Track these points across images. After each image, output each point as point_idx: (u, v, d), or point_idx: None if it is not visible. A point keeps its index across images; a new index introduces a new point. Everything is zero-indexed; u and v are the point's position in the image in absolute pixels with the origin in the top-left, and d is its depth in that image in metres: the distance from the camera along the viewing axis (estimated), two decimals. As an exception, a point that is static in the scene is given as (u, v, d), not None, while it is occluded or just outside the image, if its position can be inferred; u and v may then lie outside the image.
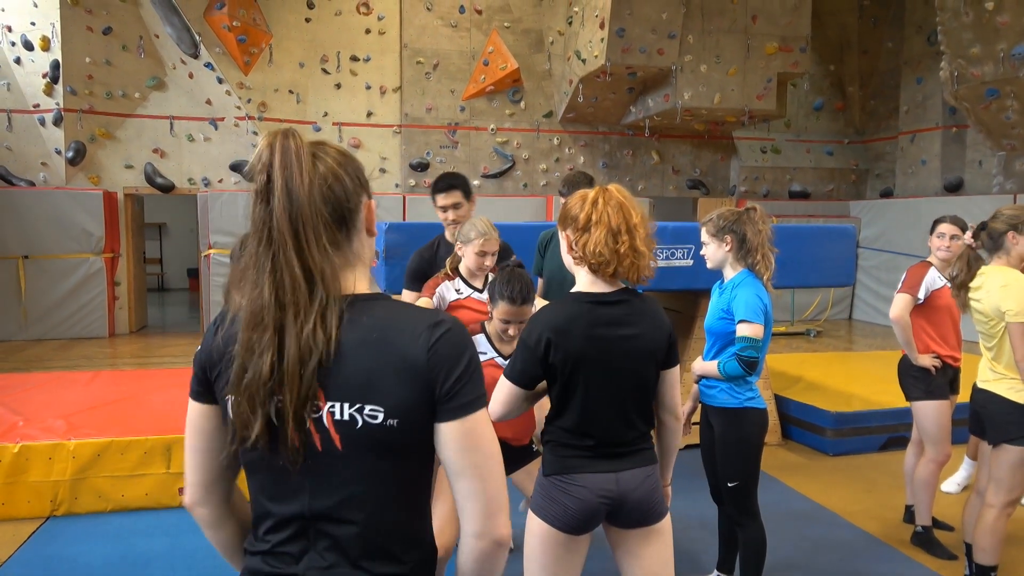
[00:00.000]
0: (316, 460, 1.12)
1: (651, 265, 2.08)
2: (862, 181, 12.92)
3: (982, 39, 8.97)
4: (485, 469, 1.16)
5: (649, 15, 9.50)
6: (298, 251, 1.10)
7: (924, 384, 3.65)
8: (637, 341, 2.07)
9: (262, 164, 1.12)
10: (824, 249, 4.96)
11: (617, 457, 2.07)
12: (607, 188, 2.11)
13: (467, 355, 1.15)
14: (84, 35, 9.60)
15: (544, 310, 2.14)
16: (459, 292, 3.15)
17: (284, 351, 1.08)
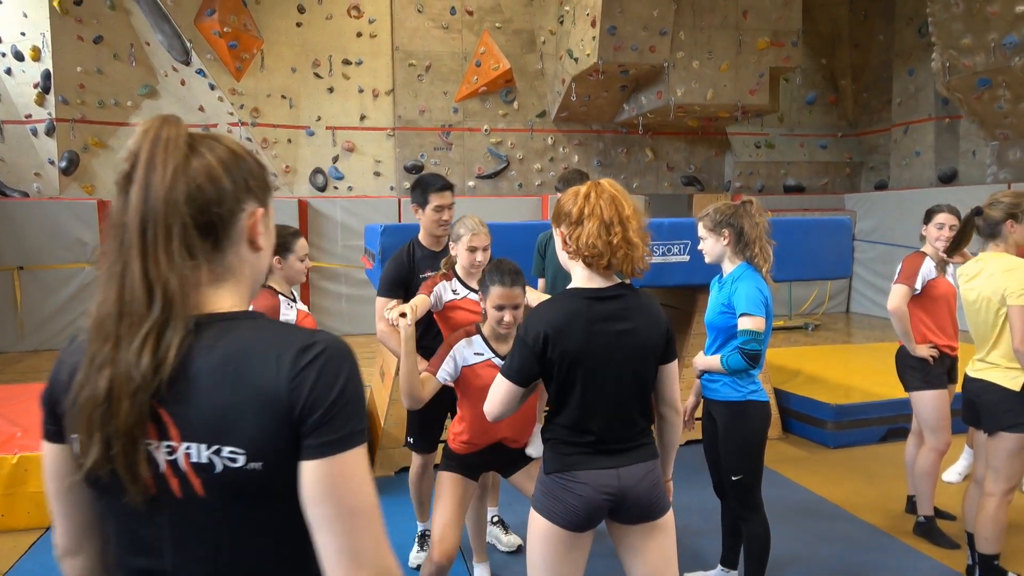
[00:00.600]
0: (177, 509, 0.96)
1: (645, 257, 2.08)
2: (856, 174, 12.94)
3: (973, 29, 8.98)
4: (349, 523, 0.94)
5: (640, 12, 9.51)
6: (142, 256, 0.95)
7: (922, 374, 3.65)
8: (635, 336, 2.07)
9: (129, 152, 0.99)
10: (820, 242, 4.96)
11: (618, 453, 2.07)
12: (599, 182, 2.12)
13: (340, 383, 0.96)
14: (75, 44, 9.58)
15: (541, 307, 2.13)
16: (455, 293, 3.13)
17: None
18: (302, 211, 10.22)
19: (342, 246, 10.39)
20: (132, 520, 0.99)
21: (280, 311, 2.80)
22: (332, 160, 10.95)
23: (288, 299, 2.90)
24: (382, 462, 4.70)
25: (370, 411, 5.25)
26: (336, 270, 10.36)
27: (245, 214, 1.04)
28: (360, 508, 0.95)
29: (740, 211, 2.93)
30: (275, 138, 10.61)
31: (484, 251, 3.07)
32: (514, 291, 2.57)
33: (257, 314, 1.05)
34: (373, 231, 4.60)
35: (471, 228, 3.07)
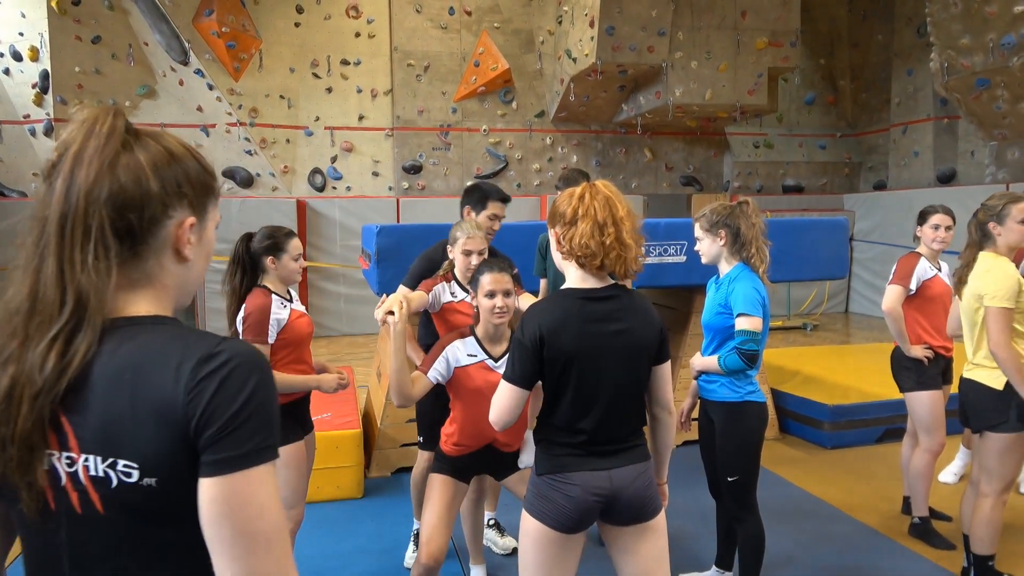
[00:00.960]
0: (76, 525, 0.90)
1: (638, 259, 2.08)
2: (855, 174, 12.94)
3: (971, 30, 8.98)
4: (249, 547, 0.86)
5: (638, 13, 9.50)
6: (58, 254, 0.91)
7: (916, 375, 3.65)
8: (629, 336, 2.07)
9: (61, 141, 0.94)
10: (817, 242, 4.96)
11: (610, 455, 2.07)
12: (594, 184, 2.13)
13: (244, 395, 0.88)
14: (73, 44, 9.58)
15: (535, 307, 2.13)
16: (453, 295, 3.17)
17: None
18: (300, 211, 10.22)
19: (340, 246, 10.40)
20: (34, 534, 0.93)
21: (271, 310, 2.81)
22: (331, 160, 10.95)
23: (282, 298, 2.90)
24: (379, 463, 4.70)
25: (367, 412, 5.25)
26: (334, 270, 10.36)
27: (172, 222, 0.97)
28: (261, 531, 0.87)
29: (736, 211, 2.94)
30: (273, 138, 10.60)
31: (479, 255, 3.10)
32: (503, 276, 2.59)
33: (168, 319, 0.97)
34: (370, 232, 4.61)
35: (467, 232, 3.11)
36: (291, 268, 2.93)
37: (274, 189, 10.68)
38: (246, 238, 2.98)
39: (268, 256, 2.90)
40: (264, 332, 2.79)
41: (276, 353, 2.85)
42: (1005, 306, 2.87)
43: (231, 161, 10.49)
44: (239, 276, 2.94)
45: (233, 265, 2.96)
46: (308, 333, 2.99)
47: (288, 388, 2.83)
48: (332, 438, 4.31)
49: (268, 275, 2.93)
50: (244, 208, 9.83)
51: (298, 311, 2.96)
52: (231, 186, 10.51)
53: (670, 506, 4.07)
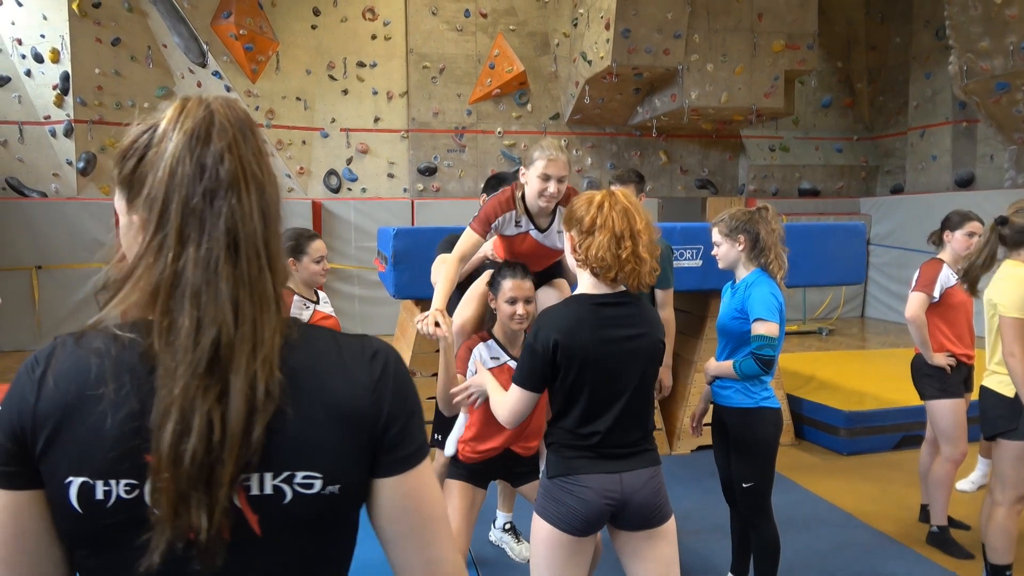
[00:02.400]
0: (215, 554, 0.81)
1: (652, 272, 2.11)
2: (872, 178, 12.84)
3: (991, 33, 8.89)
4: (431, 533, 0.91)
5: (654, 15, 9.48)
6: (271, 261, 0.85)
7: (939, 383, 3.62)
8: (640, 341, 2.11)
9: (202, 120, 0.84)
10: (834, 247, 4.93)
11: (620, 458, 2.09)
12: (613, 192, 2.14)
13: (411, 391, 0.93)
14: (93, 46, 9.68)
15: (549, 312, 2.16)
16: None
17: (229, 405, 0.79)
18: (316, 212, 10.27)
19: (355, 247, 10.44)
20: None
21: (291, 311, 2.82)
22: (346, 162, 11.00)
23: (306, 299, 2.92)
24: (393, 464, 4.72)
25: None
26: (349, 271, 10.40)
27: None
28: (440, 516, 0.93)
29: (756, 217, 2.93)
30: (290, 139, 10.67)
31: (558, 183, 2.74)
32: (525, 283, 2.62)
33: (291, 320, 0.92)
34: (386, 234, 4.63)
35: (547, 153, 2.73)
36: (312, 270, 2.95)
37: (290, 190, 10.74)
38: None
39: (289, 258, 2.91)
40: None
41: None
42: (1019, 316, 2.84)
43: (248, 162, 10.55)
44: None
45: None
46: None
47: None
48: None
49: (292, 277, 2.95)
50: (260, 209, 9.88)
51: (323, 313, 2.98)
52: (247, 187, 10.57)
53: (684, 512, 4.06)
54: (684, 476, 4.70)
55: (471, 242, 2.84)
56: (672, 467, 4.83)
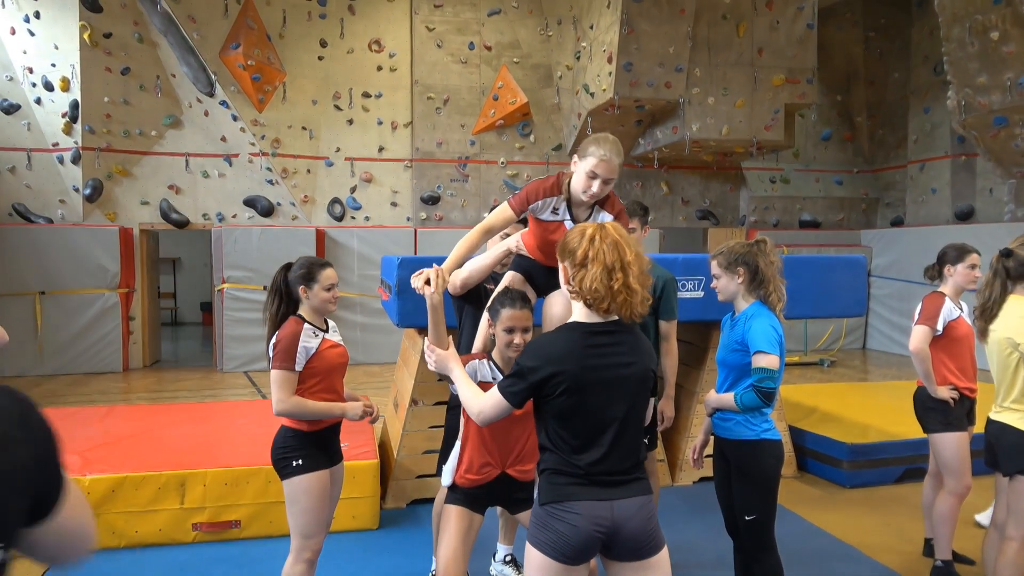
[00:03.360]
0: None
1: (644, 302, 2.15)
2: (872, 210, 12.92)
3: (988, 68, 9.02)
4: None
5: (656, 49, 9.63)
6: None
7: (942, 416, 3.62)
8: (631, 369, 2.16)
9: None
10: (835, 279, 4.95)
11: (612, 486, 2.11)
12: (604, 225, 2.20)
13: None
14: (103, 76, 9.82)
15: (541, 340, 2.21)
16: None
17: None
18: (319, 240, 10.33)
19: (358, 275, 10.48)
20: None
21: (300, 339, 2.86)
22: (350, 190, 11.09)
23: (316, 328, 2.94)
24: (395, 494, 4.70)
25: (384, 442, 5.26)
26: (352, 299, 10.43)
27: None
28: None
29: (755, 249, 2.96)
30: (294, 168, 10.77)
31: (604, 183, 2.71)
32: (523, 313, 2.66)
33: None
34: (390, 263, 4.66)
35: (601, 153, 2.67)
36: (322, 298, 2.96)
37: (294, 218, 10.82)
38: (285, 268, 3.04)
39: (300, 285, 2.96)
40: (291, 359, 2.84)
41: (304, 381, 2.89)
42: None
43: (252, 191, 10.65)
44: (276, 304, 3.01)
45: (272, 294, 3.04)
46: (340, 364, 3.02)
47: (311, 415, 2.87)
48: (349, 468, 4.30)
49: (303, 304, 2.99)
50: (264, 237, 9.96)
51: (331, 341, 3.00)
52: (252, 215, 10.66)
53: (686, 544, 4.03)
54: (686, 508, 4.67)
55: (503, 217, 2.82)
56: (674, 499, 4.80)
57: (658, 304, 3.68)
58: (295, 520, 2.89)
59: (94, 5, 9.59)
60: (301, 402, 2.86)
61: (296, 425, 2.90)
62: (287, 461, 2.87)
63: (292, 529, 2.90)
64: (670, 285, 3.80)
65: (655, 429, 3.87)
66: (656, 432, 3.95)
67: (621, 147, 2.76)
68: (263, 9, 10.38)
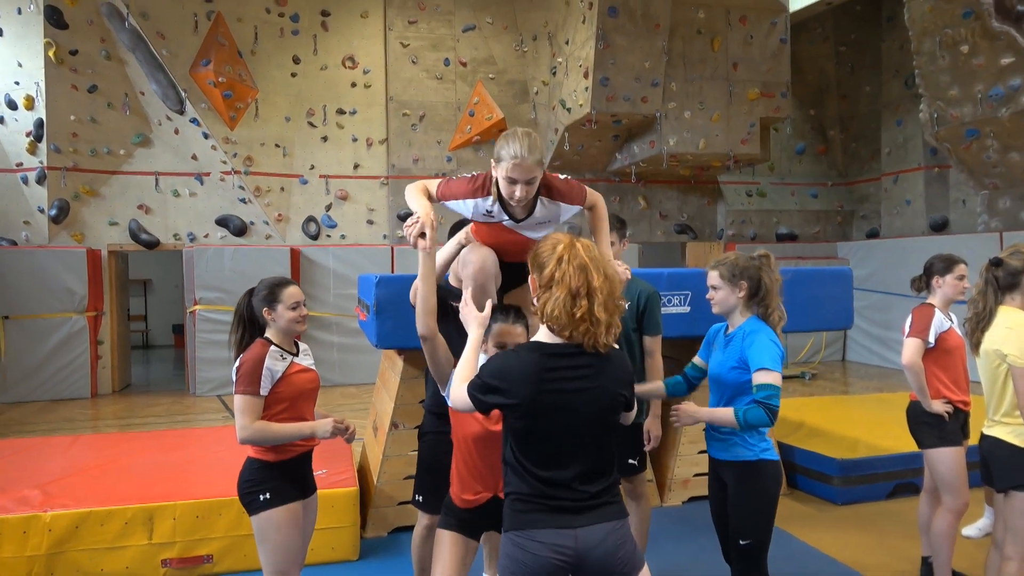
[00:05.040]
0: None
1: (611, 332, 2.05)
2: (848, 222, 13.01)
3: (959, 81, 9.13)
4: None
5: (632, 64, 9.63)
6: None
7: (937, 431, 3.54)
8: (593, 393, 2.05)
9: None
10: (821, 292, 4.89)
11: (576, 512, 2.01)
12: (575, 244, 2.09)
13: None
14: (69, 93, 9.58)
15: (501, 359, 2.12)
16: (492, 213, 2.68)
17: None
18: (294, 259, 10.13)
19: (334, 295, 10.29)
20: None
21: (265, 362, 2.70)
22: (325, 208, 10.92)
23: (283, 351, 2.78)
24: (375, 522, 4.52)
25: (363, 468, 5.08)
26: (328, 319, 10.22)
27: None
28: None
29: (758, 264, 2.85)
30: (268, 186, 10.58)
31: (527, 185, 2.53)
32: (516, 328, 2.55)
33: None
34: (368, 282, 4.51)
35: (512, 153, 2.50)
36: (287, 317, 2.81)
37: (268, 237, 10.61)
38: (248, 293, 2.90)
39: (264, 308, 2.81)
40: (255, 383, 2.67)
41: (270, 407, 2.72)
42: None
43: (225, 210, 10.43)
44: (240, 332, 2.86)
45: (236, 322, 2.88)
46: (309, 389, 2.85)
47: (277, 438, 2.69)
48: (327, 496, 4.12)
49: (270, 327, 2.83)
50: (237, 256, 9.73)
51: (300, 365, 2.83)
52: (224, 234, 10.43)
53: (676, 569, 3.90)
54: (676, 530, 4.55)
55: (424, 198, 2.77)
56: (663, 520, 4.67)
57: (641, 319, 3.57)
58: (266, 558, 2.72)
59: (59, 22, 9.37)
60: (265, 426, 2.69)
61: (262, 455, 2.73)
62: (254, 495, 2.70)
63: (264, 567, 2.73)
64: (653, 299, 3.69)
65: (643, 450, 3.75)
66: (645, 453, 3.83)
67: (535, 138, 2.56)
68: (234, 25, 10.22)
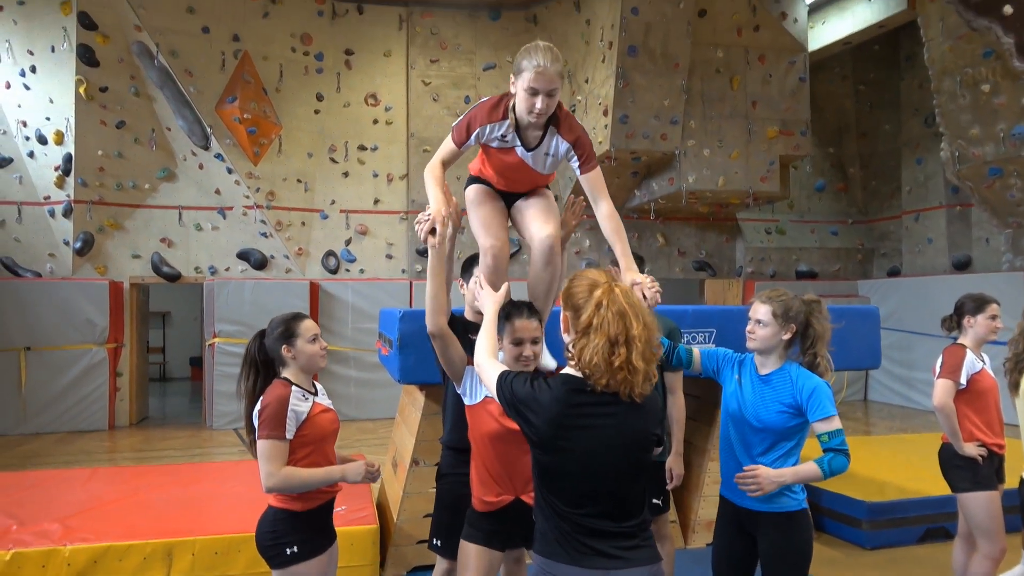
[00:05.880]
0: None
1: (647, 381, 2.00)
2: (868, 260, 12.91)
3: (981, 120, 9.11)
4: None
5: (651, 102, 9.70)
6: None
7: (971, 474, 3.45)
8: (619, 430, 2.00)
9: None
10: (849, 331, 4.80)
11: (606, 555, 1.95)
12: (613, 289, 2.03)
13: None
14: (97, 129, 9.78)
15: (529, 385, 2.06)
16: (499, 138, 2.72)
17: None
18: (313, 293, 10.18)
19: (352, 329, 10.30)
20: None
21: (290, 403, 2.60)
22: (345, 243, 10.99)
23: (304, 390, 2.70)
24: (395, 561, 4.45)
25: (381, 504, 5.02)
26: (346, 353, 10.22)
27: None
28: None
29: (813, 309, 2.75)
30: (289, 221, 10.68)
31: (548, 97, 2.56)
32: (531, 323, 2.53)
33: None
34: (391, 316, 4.50)
35: (535, 63, 2.49)
36: (309, 351, 2.73)
37: (288, 271, 10.68)
38: (259, 336, 2.79)
39: (282, 346, 2.69)
40: (281, 427, 2.54)
41: (296, 452, 2.59)
42: None
43: (246, 243, 10.53)
44: (252, 378, 2.74)
45: (245, 367, 2.76)
46: (332, 430, 2.75)
47: (306, 485, 2.57)
48: (346, 534, 4.06)
49: (288, 367, 2.74)
50: (257, 290, 9.80)
51: (322, 405, 2.74)
52: (245, 268, 10.52)
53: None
54: (701, 572, 4.43)
55: (448, 152, 2.82)
56: (687, 562, 4.56)
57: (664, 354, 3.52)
58: None
59: (91, 59, 9.61)
60: (292, 472, 2.54)
61: (287, 504, 2.59)
62: (279, 548, 2.55)
63: None
64: (674, 335, 3.66)
65: (666, 489, 3.69)
66: (668, 493, 3.77)
67: (557, 52, 2.58)
68: (260, 63, 10.42)
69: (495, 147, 2.78)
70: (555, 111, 2.72)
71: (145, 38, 9.73)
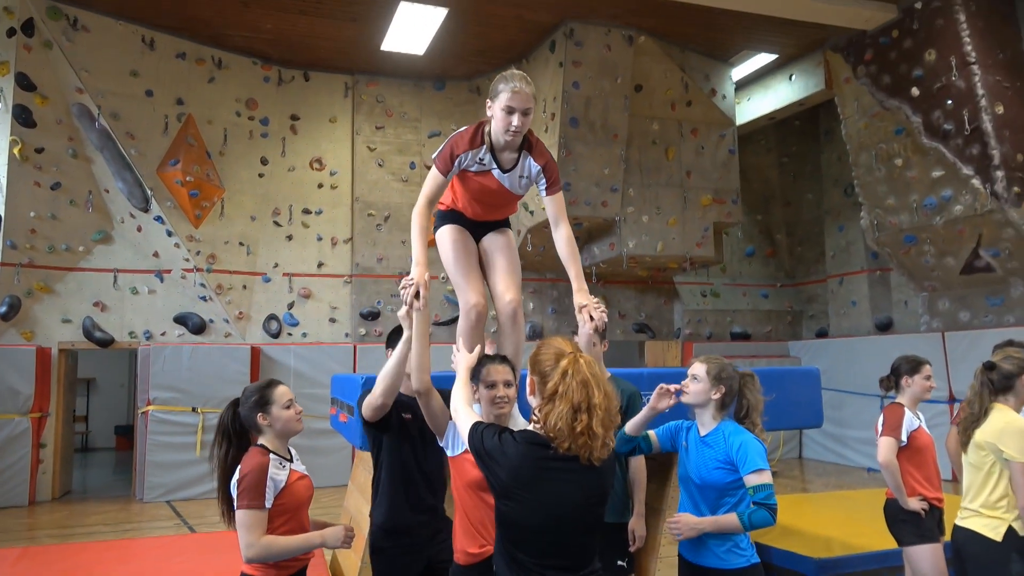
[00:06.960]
0: None
1: (605, 446, 2.14)
2: (797, 322, 13.49)
3: (895, 191, 9.81)
4: None
5: (592, 170, 10.09)
6: None
7: (916, 528, 3.64)
8: (581, 484, 2.13)
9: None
10: (792, 391, 5.03)
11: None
12: (578, 360, 2.16)
13: None
14: (31, 190, 9.50)
15: (498, 440, 2.18)
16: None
17: None
18: (254, 358, 9.96)
19: (296, 394, 10.06)
20: None
21: (269, 471, 2.60)
22: (287, 306, 10.85)
23: (281, 458, 2.71)
24: (351, 635, 4.32)
25: (334, 572, 4.88)
26: (287, 419, 9.96)
27: None
28: None
29: (745, 380, 2.96)
30: (230, 284, 10.51)
31: (523, 115, 2.78)
32: (503, 367, 2.66)
33: None
34: (349, 382, 4.48)
35: (512, 85, 2.74)
36: (285, 417, 2.75)
37: (227, 335, 10.44)
38: (233, 405, 2.80)
39: (258, 414, 2.71)
40: (260, 496, 2.54)
41: (274, 520, 2.59)
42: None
43: (184, 307, 10.28)
44: (225, 449, 2.74)
45: (219, 436, 2.75)
46: (308, 497, 2.76)
47: (287, 552, 2.56)
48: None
49: (264, 434, 2.74)
50: (195, 355, 9.53)
51: (298, 472, 2.76)
52: (182, 332, 10.24)
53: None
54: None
55: (435, 184, 2.91)
56: (647, 626, 4.58)
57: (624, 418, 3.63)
58: None
59: (28, 120, 9.40)
60: (272, 541, 2.53)
61: (262, 573, 2.57)
62: None
63: None
64: (635, 399, 3.76)
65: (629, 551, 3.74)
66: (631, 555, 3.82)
67: (529, 79, 2.85)
68: (204, 127, 10.39)
69: (474, 171, 2.97)
70: (528, 137, 2.98)
71: (86, 100, 9.60)
